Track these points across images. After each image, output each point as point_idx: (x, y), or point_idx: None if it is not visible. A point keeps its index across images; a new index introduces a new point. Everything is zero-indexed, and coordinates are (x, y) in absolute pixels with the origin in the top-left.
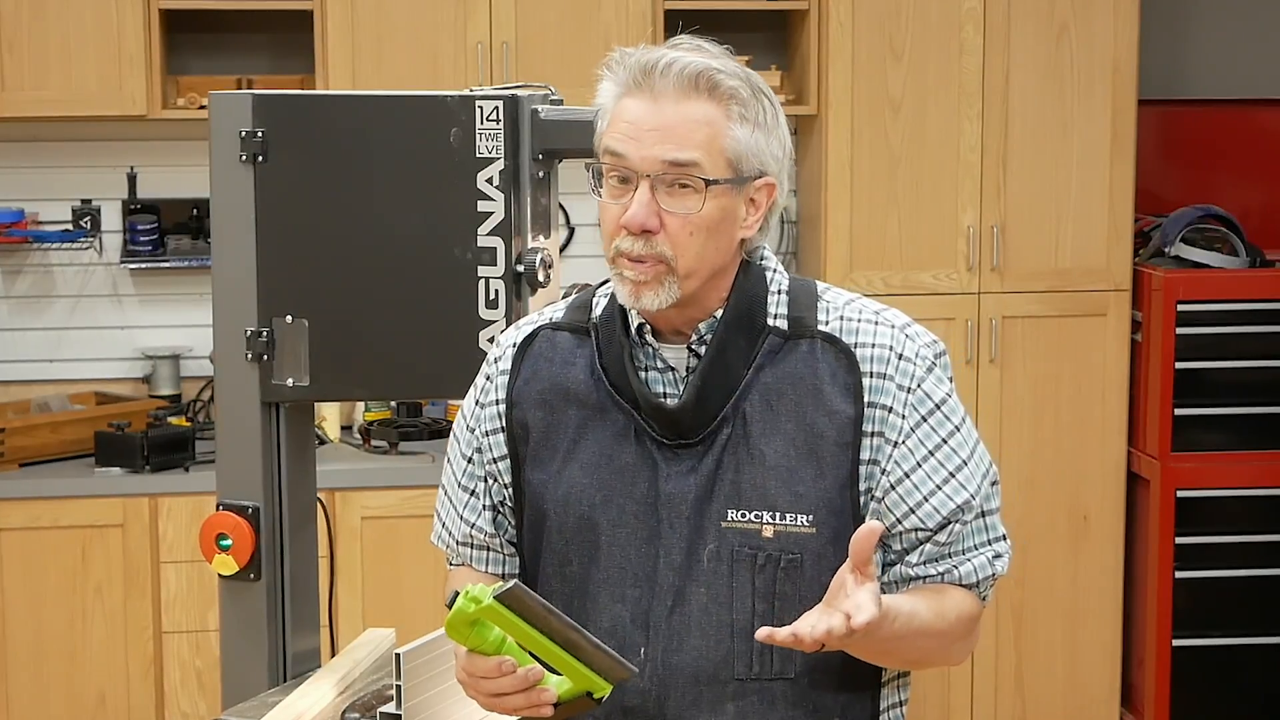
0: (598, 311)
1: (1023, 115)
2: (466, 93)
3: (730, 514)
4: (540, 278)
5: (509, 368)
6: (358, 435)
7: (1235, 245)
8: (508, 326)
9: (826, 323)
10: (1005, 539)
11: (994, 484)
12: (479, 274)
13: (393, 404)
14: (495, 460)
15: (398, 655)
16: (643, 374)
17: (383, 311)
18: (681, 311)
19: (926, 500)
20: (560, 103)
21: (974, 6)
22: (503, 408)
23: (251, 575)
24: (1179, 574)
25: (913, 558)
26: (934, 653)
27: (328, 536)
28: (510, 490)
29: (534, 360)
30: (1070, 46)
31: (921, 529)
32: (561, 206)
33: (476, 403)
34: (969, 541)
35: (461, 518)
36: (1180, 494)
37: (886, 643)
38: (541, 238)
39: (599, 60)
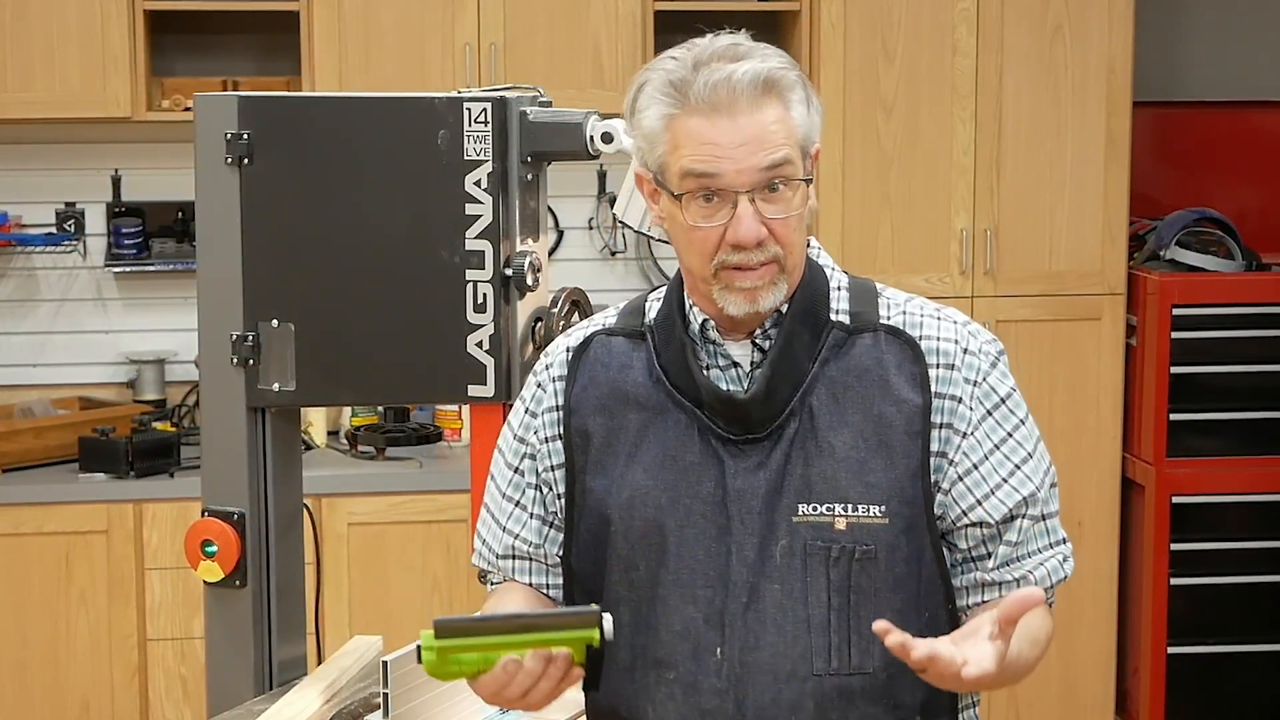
0: (651, 315)
1: (1016, 117)
2: (454, 95)
3: (801, 508)
4: (529, 281)
5: (564, 373)
6: (344, 440)
7: (1231, 248)
8: (496, 331)
9: (889, 317)
10: (1067, 542)
11: (1053, 486)
12: (467, 277)
13: (380, 409)
14: (552, 469)
15: (385, 663)
16: (706, 372)
17: (370, 315)
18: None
19: (993, 493)
20: (549, 104)
21: (967, 7)
22: (560, 414)
23: (237, 582)
24: (1174, 580)
25: (988, 563)
26: (1026, 674)
27: (314, 543)
28: (562, 501)
29: (590, 366)
30: (1064, 48)
31: (986, 523)
32: (550, 209)
33: (527, 412)
34: (1036, 543)
35: (504, 529)
36: (1175, 500)
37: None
38: (530, 241)
39: (588, 62)
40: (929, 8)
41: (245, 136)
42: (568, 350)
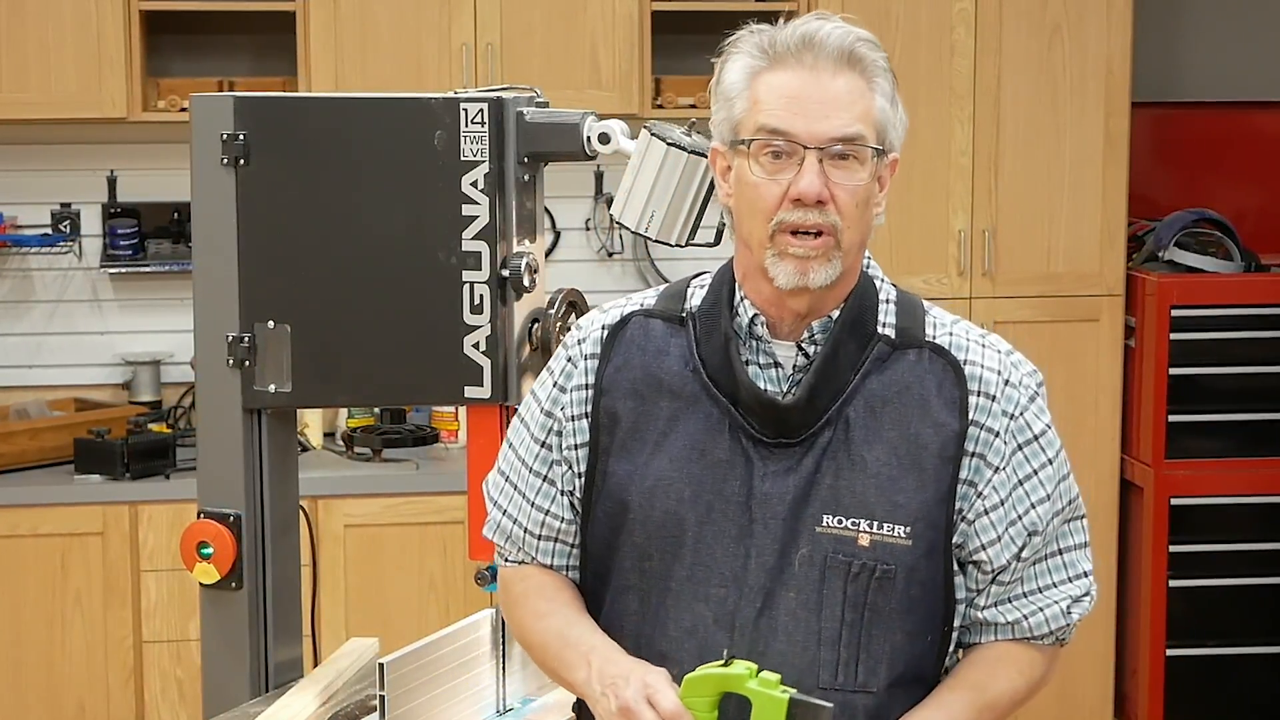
0: (694, 301)
1: (1015, 118)
2: (451, 95)
3: (826, 519)
4: (525, 282)
5: (597, 352)
6: (341, 442)
7: (1230, 249)
8: (492, 332)
9: (934, 336)
10: (1088, 575)
11: (1074, 520)
12: (463, 278)
13: (376, 410)
14: (575, 447)
15: (381, 665)
16: (745, 368)
17: (366, 317)
18: (809, 303)
19: (1007, 531)
20: (546, 105)
21: (965, 8)
22: (590, 393)
23: (233, 584)
24: (1173, 582)
25: (980, 600)
26: None
27: (310, 544)
28: (581, 481)
29: (626, 347)
30: (1063, 48)
31: (995, 562)
32: (547, 210)
33: (556, 386)
34: (1039, 581)
35: (533, 504)
36: (1174, 501)
37: None
38: (527, 242)
39: (585, 62)
40: (927, 8)
41: (241, 137)
42: (604, 328)
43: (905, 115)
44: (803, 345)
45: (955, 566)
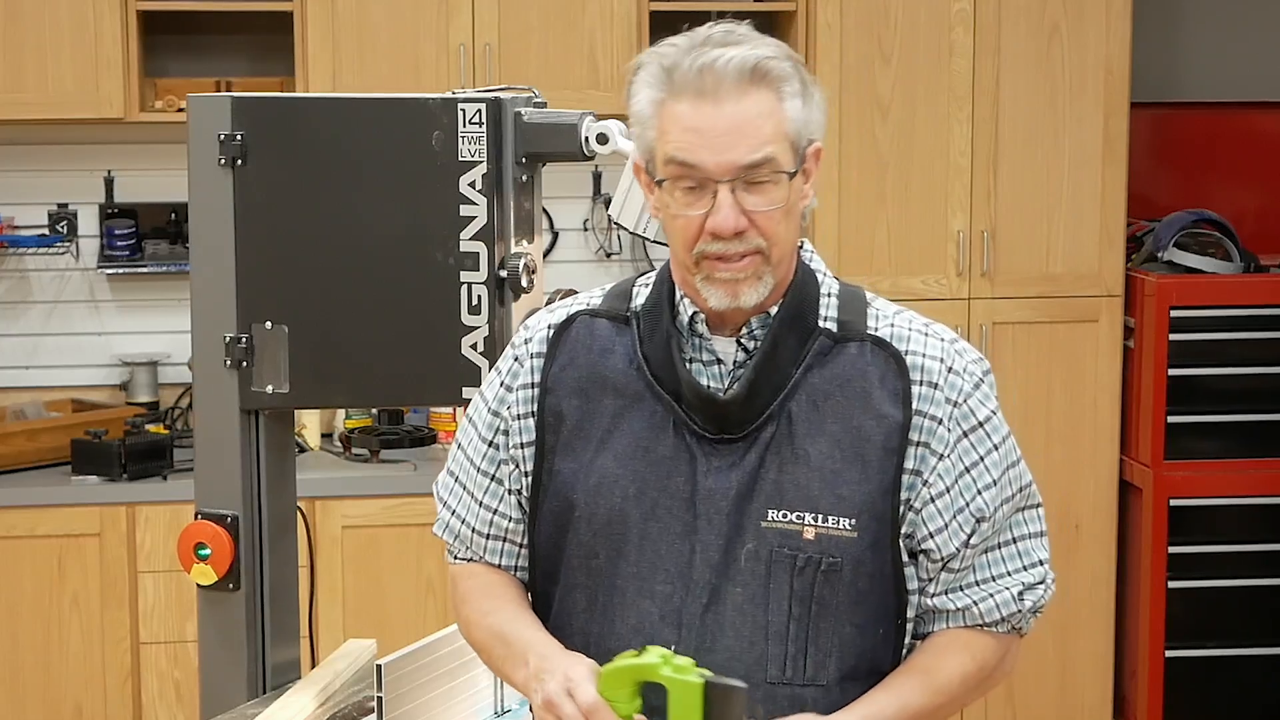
0: (639, 301)
1: (1013, 118)
2: (449, 95)
3: (771, 514)
4: (523, 283)
5: (543, 351)
6: (338, 443)
7: (1229, 250)
8: (490, 333)
9: (876, 329)
10: (1043, 564)
11: (1028, 509)
12: (461, 279)
13: (374, 411)
14: (521, 446)
15: (379, 667)
16: (688, 365)
17: (364, 317)
18: (746, 311)
19: (955, 518)
20: (544, 105)
21: (964, 8)
22: (536, 392)
23: (230, 585)
24: (1172, 584)
25: (930, 587)
26: (946, 717)
27: (308, 546)
28: (528, 480)
29: (571, 346)
30: (1062, 48)
31: (941, 548)
32: (545, 211)
33: (503, 385)
34: (992, 570)
35: (481, 504)
36: (1173, 502)
37: None
38: (525, 243)
39: (583, 62)
40: (925, 8)
41: (238, 137)
42: (549, 327)
43: (822, 96)
44: (742, 341)
45: (906, 557)
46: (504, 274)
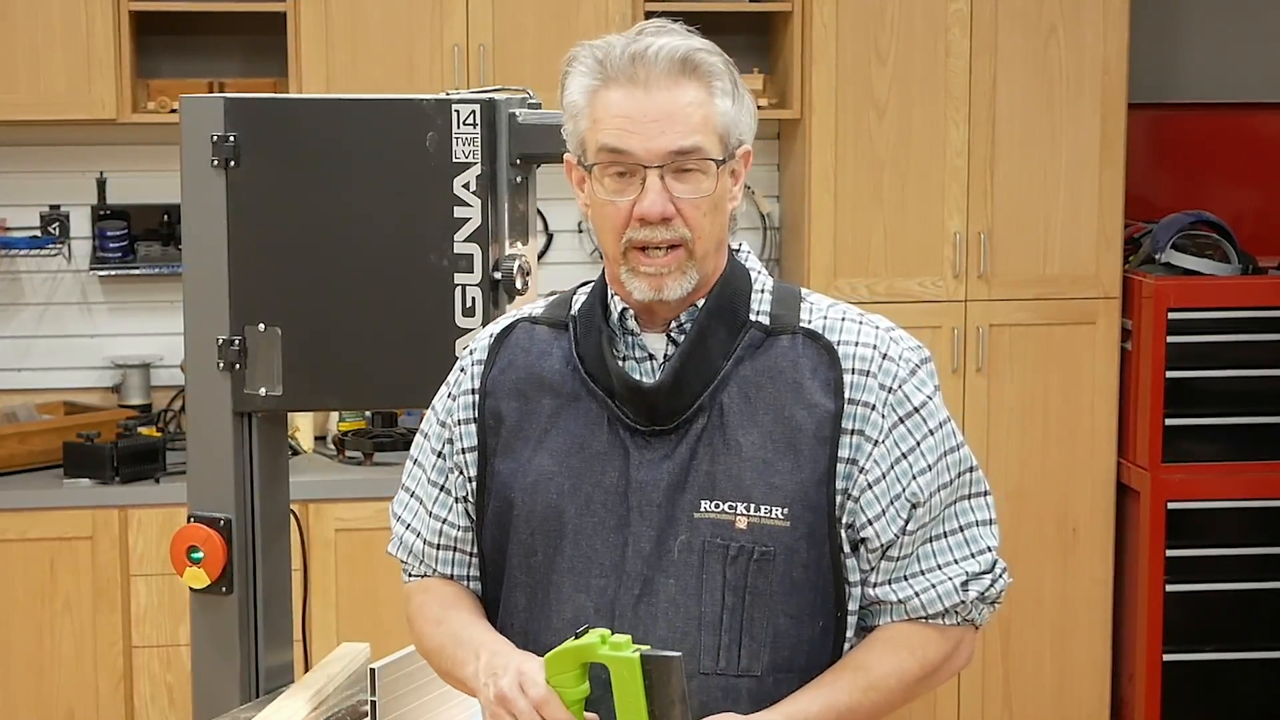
0: (577, 307)
1: (1010, 119)
2: (443, 96)
3: (704, 504)
4: (518, 285)
5: (484, 358)
6: (331, 446)
7: (1227, 252)
8: None
9: (809, 321)
10: (990, 551)
11: (974, 498)
12: (455, 281)
13: (367, 414)
14: (464, 451)
15: (372, 670)
16: (621, 363)
17: (357, 319)
18: (671, 306)
19: (892, 504)
20: (538, 106)
21: (960, 8)
22: (476, 397)
23: (223, 588)
24: (1169, 587)
25: (872, 577)
26: (882, 715)
27: (301, 549)
28: (473, 485)
29: (510, 350)
30: (1059, 49)
31: (879, 536)
32: (540, 212)
33: (449, 395)
34: (937, 559)
35: (431, 514)
36: (1171, 506)
37: None
38: (519, 244)
39: None
40: (922, 9)
41: (231, 138)
42: (490, 336)
43: (752, 101)
44: (672, 335)
45: (847, 548)
46: (498, 276)
